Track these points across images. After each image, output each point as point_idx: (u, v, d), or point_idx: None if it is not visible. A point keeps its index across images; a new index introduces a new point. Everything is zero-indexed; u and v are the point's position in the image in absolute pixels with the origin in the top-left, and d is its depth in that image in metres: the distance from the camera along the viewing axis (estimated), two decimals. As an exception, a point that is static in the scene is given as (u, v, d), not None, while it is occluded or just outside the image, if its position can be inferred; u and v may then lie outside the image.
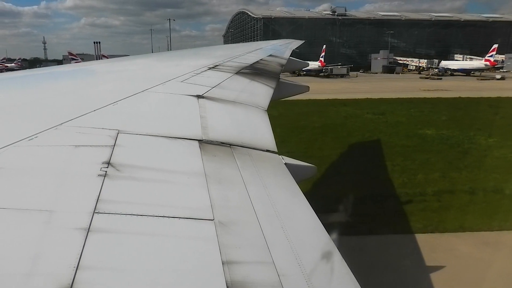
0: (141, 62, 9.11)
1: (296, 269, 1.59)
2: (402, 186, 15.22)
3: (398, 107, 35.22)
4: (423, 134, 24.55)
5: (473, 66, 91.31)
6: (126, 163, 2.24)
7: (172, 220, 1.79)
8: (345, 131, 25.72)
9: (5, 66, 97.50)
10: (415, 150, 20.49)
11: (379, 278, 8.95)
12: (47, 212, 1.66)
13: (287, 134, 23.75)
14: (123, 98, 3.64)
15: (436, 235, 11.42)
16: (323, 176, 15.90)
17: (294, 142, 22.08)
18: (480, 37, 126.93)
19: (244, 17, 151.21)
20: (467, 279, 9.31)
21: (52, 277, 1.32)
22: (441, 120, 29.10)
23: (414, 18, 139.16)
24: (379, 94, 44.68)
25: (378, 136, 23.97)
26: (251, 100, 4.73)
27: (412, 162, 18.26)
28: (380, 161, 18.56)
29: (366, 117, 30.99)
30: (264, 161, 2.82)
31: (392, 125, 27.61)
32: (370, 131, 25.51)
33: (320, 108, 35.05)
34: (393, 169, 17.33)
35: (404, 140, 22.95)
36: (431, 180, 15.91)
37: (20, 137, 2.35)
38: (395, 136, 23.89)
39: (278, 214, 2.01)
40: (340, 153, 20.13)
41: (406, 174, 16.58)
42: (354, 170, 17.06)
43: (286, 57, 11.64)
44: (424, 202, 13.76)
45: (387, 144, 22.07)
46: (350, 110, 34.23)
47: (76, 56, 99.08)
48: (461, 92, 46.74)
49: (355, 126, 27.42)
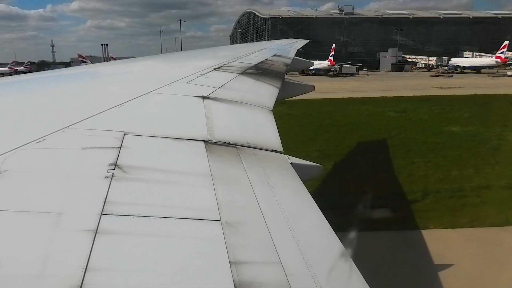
0: (146, 64, 9.15)
1: (304, 269, 1.58)
2: (439, 182, 15.36)
3: (417, 105, 35.06)
4: (449, 131, 24.59)
5: (484, 63, 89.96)
6: (133, 165, 2.25)
7: (179, 221, 1.79)
8: (371, 129, 25.80)
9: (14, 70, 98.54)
10: (444, 147, 20.56)
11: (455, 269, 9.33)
12: (56, 214, 1.68)
13: (314, 133, 24.25)
14: (129, 100, 3.66)
15: (483, 229, 11.56)
16: (360, 174, 16.31)
17: (323, 140, 22.38)
18: (489, 34, 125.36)
19: (251, 17, 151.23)
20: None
21: (62, 278, 1.33)
22: (464, 117, 28.94)
23: (422, 16, 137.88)
24: (393, 92, 44.49)
25: (405, 134, 24.02)
26: (257, 100, 4.73)
27: (444, 159, 18.37)
28: (413, 158, 18.66)
29: (389, 115, 30.95)
30: (270, 161, 2.82)
31: (416, 122, 27.59)
32: (396, 129, 25.49)
33: (340, 107, 35.11)
34: (427, 166, 17.45)
35: (431, 137, 22.98)
36: (466, 176, 16.02)
37: (28, 140, 2.37)
38: (422, 134, 23.93)
39: (285, 214, 2.00)
40: (371, 151, 20.31)
41: (440, 171, 16.69)
42: (389, 168, 17.27)
43: (291, 57, 11.61)
44: (464, 197, 13.86)
45: (416, 141, 22.11)
46: (370, 108, 34.15)
47: (85, 59, 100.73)
48: (475, 89, 46.20)
49: (380, 124, 27.42)
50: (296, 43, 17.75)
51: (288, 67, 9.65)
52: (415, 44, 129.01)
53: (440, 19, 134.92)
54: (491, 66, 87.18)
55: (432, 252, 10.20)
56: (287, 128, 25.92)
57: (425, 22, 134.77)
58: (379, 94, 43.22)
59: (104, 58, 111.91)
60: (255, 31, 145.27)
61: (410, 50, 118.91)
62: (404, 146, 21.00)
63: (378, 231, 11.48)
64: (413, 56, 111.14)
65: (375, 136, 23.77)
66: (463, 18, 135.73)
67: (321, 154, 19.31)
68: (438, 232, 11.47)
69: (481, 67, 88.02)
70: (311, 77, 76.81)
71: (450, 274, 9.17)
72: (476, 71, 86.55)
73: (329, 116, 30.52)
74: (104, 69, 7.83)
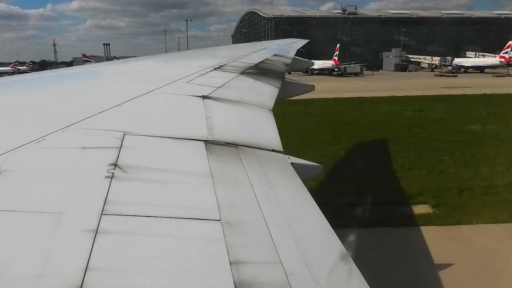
0: (146, 63, 9.15)
1: (304, 269, 1.58)
2: (471, 180, 15.49)
3: (432, 104, 35.10)
4: (470, 129, 24.69)
5: (488, 63, 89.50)
6: (133, 165, 2.25)
7: (179, 220, 1.79)
8: (392, 128, 25.86)
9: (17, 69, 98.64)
10: (469, 145, 20.65)
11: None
12: (56, 214, 1.68)
13: (337, 131, 24.51)
14: (129, 100, 3.66)
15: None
16: (393, 171, 16.74)
17: (347, 138, 22.60)
18: (492, 34, 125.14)
19: (254, 17, 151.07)
20: None
21: (62, 278, 1.33)
22: (482, 116, 28.97)
23: (424, 16, 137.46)
24: (402, 92, 44.42)
25: (427, 132, 24.08)
26: (257, 100, 4.73)
27: (472, 157, 18.48)
28: (440, 156, 18.81)
29: (407, 114, 30.96)
30: (270, 161, 2.82)
31: (436, 121, 27.65)
32: (417, 128, 25.53)
33: (355, 106, 35.18)
34: (455, 163, 17.62)
35: (454, 135, 23.09)
36: (496, 173, 16.15)
37: (29, 140, 2.37)
38: (444, 132, 24.04)
39: (285, 214, 2.00)
40: (398, 149, 20.40)
41: (470, 168, 16.83)
42: (420, 165, 17.43)
43: (291, 57, 11.62)
44: (499, 194, 13.99)
45: (439, 139, 22.22)
46: (386, 107, 34.22)
47: (90, 58, 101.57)
48: (484, 89, 46.14)
49: (400, 123, 27.48)
50: (296, 43, 17.75)
51: (288, 67, 9.65)
52: (417, 44, 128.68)
53: (443, 19, 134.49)
54: (495, 66, 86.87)
55: (486, 247, 10.46)
56: (309, 127, 26.25)
57: (428, 22, 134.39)
58: (388, 94, 43.24)
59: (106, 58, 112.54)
60: (258, 30, 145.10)
61: (413, 50, 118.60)
62: (429, 144, 21.13)
63: (426, 226, 11.80)
64: (416, 56, 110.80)
65: (398, 134, 23.86)
66: (465, 18, 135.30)
67: (349, 153, 19.74)
68: (482, 227, 11.70)
69: (485, 67, 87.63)
70: (315, 77, 76.91)
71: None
72: (480, 71, 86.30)
73: (348, 115, 30.73)
74: (104, 69, 7.83)
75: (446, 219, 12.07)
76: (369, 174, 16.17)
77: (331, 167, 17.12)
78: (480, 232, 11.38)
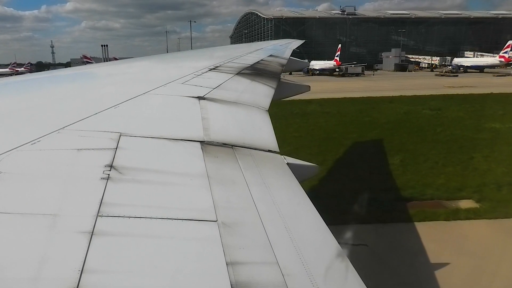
0: (141, 65, 9.13)
1: (301, 269, 1.59)
2: (506, 175, 15.70)
3: (445, 103, 35.25)
4: (492, 127, 24.80)
5: (487, 62, 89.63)
6: (129, 166, 2.24)
7: (175, 222, 1.79)
8: (415, 127, 25.96)
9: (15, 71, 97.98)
10: (494, 143, 20.81)
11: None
12: (51, 216, 1.67)
13: (360, 130, 24.85)
14: (124, 101, 3.65)
15: None
16: (429, 167, 17.00)
17: (373, 137, 22.95)
18: (490, 34, 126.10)
19: (253, 17, 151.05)
20: None
21: (58, 281, 1.33)
22: (499, 114, 29.16)
23: (423, 16, 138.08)
24: (409, 91, 44.44)
25: (450, 131, 24.22)
26: (252, 101, 4.73)
27: (500, 154, 18.67)
28: (469, 153, 18.99)
29: (425, 113, 31.02)
30: (266, 161, 2.82)
31: (456, 120, 27.77)
32: (439, 126, 25.63)
33: (370, 106, 35.31)
34: (487, 160, 17.81)
35: (477, 133, 23.20)
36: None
37: (23, 141, 2.36)
38: (466, 130, 24.18)
39: (281, 214, 2.01)
40: (427, 146, 20.55)
41: (502, 165, 17.02)
42: (453, 162, 17.67)
43: (286, 57, 11.63)
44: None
45: (464, 137, 22.36)
46: (402, 106, 34.30)
47: (91, 59, 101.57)
48: (489, 88, 46.32)
49: (421, 122, 27.56)
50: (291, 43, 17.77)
51: (283, 67, 9.66)
52: (416, 44, 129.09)
53: (441, 19, 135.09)
54: (494, 65, 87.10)
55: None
56: (332, 126, 26.50)
57: (426, 22, 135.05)
58: (395, 93, 43.24)
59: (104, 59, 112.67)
60: (257, 31, 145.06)
61: (411, 50, 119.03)
62: (455, 142, 21.30)
63: (477, 219, 12.06)
64: (416, 56, 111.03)
65: (422, 133, 23.97)
66: (463, 18, 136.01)
67: (380, 150, 20.05)
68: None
69: (485, 67, 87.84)
70: (317, 77, 77.26)
71: None
72: (480, 70, 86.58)
73: (366, 114, 30.90)
74: (100, 70, 7.80)
75: (494, 213, 12.32)
76: (408, 170, 16.63)
77: (366, 164, 17.70)
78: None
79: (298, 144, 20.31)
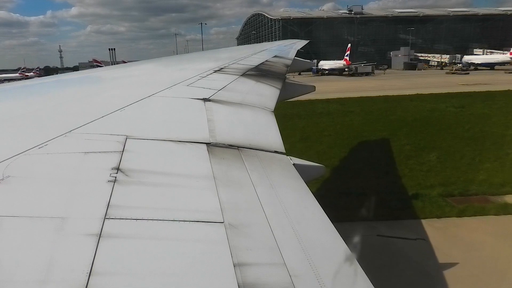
0: (146, 67, 9.17)
1: (308, 270, 1.58)
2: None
3: (467, 101, 35.03)
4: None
5: (498, 60, 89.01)
6: (135, 168, 2.25)
7: (182, 223, 1.79)
8: (443, 124, 25.91)
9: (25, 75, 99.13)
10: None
11: None
12: (59, 219, 1.68)
13: (390, 128, 24.85)
14: (130, 104, 3.67)
15: None
16: (467, 163, 17.22)
17: (403, 135, 22.98)
18: (499, 31, 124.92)
19: (260, 18, 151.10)
20: None
21: (66, 283, 1.33)
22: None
23: (431, 14, 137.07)
24: (424, 90, 44.14)
25: (478, 127, 24.11)
26: (258, 102, 4.73)
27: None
28: (504, 149, 18.95)
29: (449, 110, 30.96)
30: (273, 162, 2.81)
31: (482, 117, 27.61)
32: (467, 123, 25.58)
33: (392, 104, 35.25)
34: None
35: (507, 130, 23.16)
36: None
37: (31, 145, 2.37)
38: (495, 127, 24.14)
39: (288, 215, 2.00)
40: (461, 143, 20.61)
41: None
42: (490, 158, 17.71)
43: (291, 58, 11.63)
44: None
45: (494, 134, 22.35)
46: (425, 104, 34.13)
47: (100, 63, 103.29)
48: (505, 85, 45.91)
49: (448, 119, 27.51)
50: (296, 44, 17.76)
51: (288, 68, 9.65)
52: (424, 43, 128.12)
53: (449, 17, 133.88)
54: (505, 62, 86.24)
55: None
56: (359, 125, 26.52)
57: (434, 20, 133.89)
58: (411, 92, 43.02)
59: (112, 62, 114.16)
60: (264, 32, 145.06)
61: (420, 48, 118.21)
62: (487, 138, 21.22)
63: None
64: (425, 54, 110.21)
65: (452, 130, 23.93)
66: (471, 16, 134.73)
67: (414, 148, 20.17)
68: None
69: (495, 64, 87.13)
70: (327, 77, 77.50)
71: None
72: (490, 68, 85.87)
73: (391, 112, 30.84)
74: (105, 74, 7.85)
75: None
76: (446, 167, 16.72)
77: (404, 162, 17.74)
78: None
79: (331, 143, 20.41)
